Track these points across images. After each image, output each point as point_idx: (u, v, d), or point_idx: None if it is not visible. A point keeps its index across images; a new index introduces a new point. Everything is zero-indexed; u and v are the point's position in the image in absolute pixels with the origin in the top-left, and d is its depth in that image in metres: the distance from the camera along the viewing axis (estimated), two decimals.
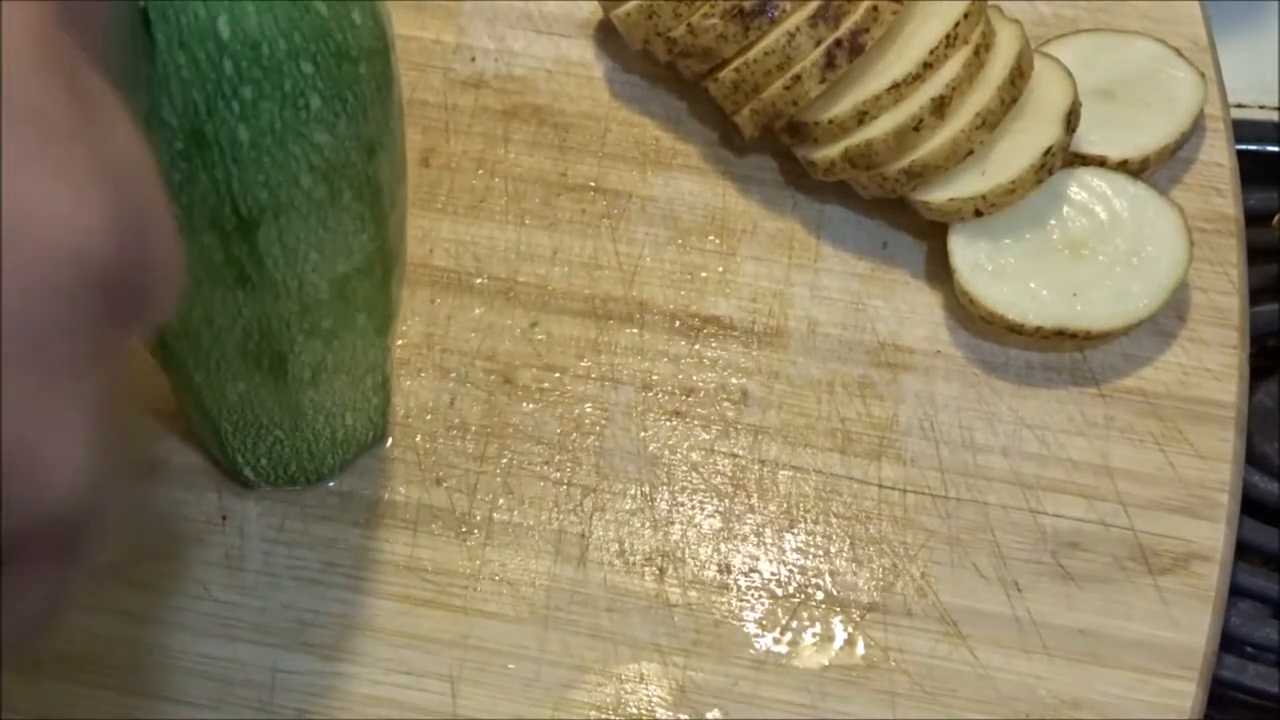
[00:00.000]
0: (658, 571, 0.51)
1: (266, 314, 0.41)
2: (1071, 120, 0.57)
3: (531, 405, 0.55)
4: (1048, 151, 0.56)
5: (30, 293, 0.22)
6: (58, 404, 0.23)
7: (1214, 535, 0.52)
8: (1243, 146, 0.66)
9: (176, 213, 0.34)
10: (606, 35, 0.64)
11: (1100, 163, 0.59)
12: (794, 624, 0.50)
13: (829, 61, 0.56)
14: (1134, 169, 0.59)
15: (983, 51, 0.57)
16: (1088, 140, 0.59)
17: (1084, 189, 0.58)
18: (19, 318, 0.22)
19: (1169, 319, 0.57)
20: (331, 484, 0.52)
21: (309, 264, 0.40)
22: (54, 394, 0.23)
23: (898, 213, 0.60)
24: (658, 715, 0.48)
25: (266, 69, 0.34)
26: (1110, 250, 0.57)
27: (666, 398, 0.55)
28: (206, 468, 0.52)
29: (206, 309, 0.40)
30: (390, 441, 0.53)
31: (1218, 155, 0.63)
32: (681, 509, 0.53)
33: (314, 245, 0.39)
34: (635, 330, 0.57)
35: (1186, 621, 0.50)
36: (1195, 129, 0.62)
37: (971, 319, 0.57)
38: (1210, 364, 0.56)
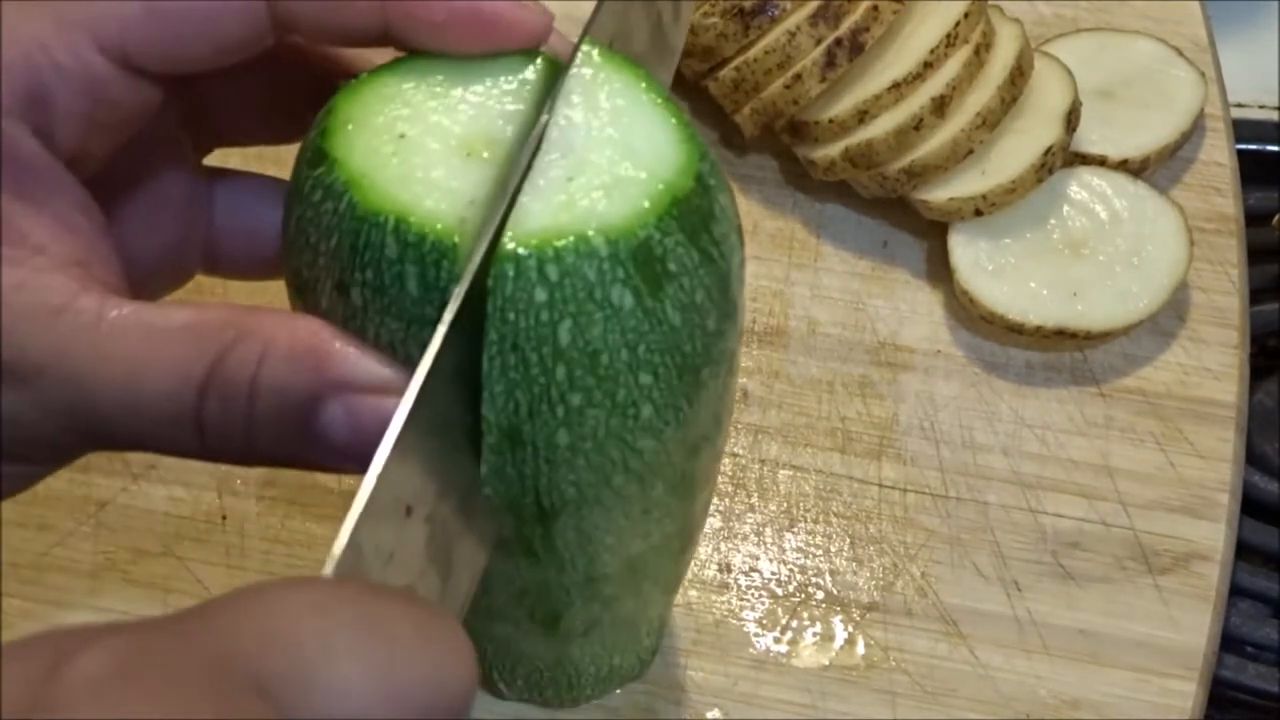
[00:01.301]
0: None
1: (547, 582, 0.37)
2: (1071, 120, 0.57)
3: None
4: (1048, 151, 0.56)
5: None
6: None
7: (1214, 535, 0.52)
8: (1243, 146, 0.66)
9: (476, 495, 0.31)
10: None
11: (1100, 162, 0.59)
12: (794, 623, 0.50)
13: (829, 60, 0.56)
14: (1134, 169, 0.59)
15: (983, 51, 0.57)
16: (1088, 140, 0.59)
17: (1084, 188, 0.58)
18: None
19: (1169, 319, 0.57)
20: (331, 484, 0.52)
21: (603, 546, 0.36)
22: None
23: (898, 212, 0.60)
24: (658, 715, 0.48)
25: (601, 378, 0.31)
26: (1110, 250, 0.57)
27: None
28: (206, 467, 0.52)
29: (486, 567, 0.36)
30: None
31: (1218, 155, 0.63)
32: None
33: (611, 531, 0.35)
34: None
35: (1186, 621, 0.50)
36: (1195, 129, 0.62)
37: (971, 319, 0.57)
38: (1210, 364, 0.56)
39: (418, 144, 0.30)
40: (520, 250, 0.29)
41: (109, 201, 0.33)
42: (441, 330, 0.29)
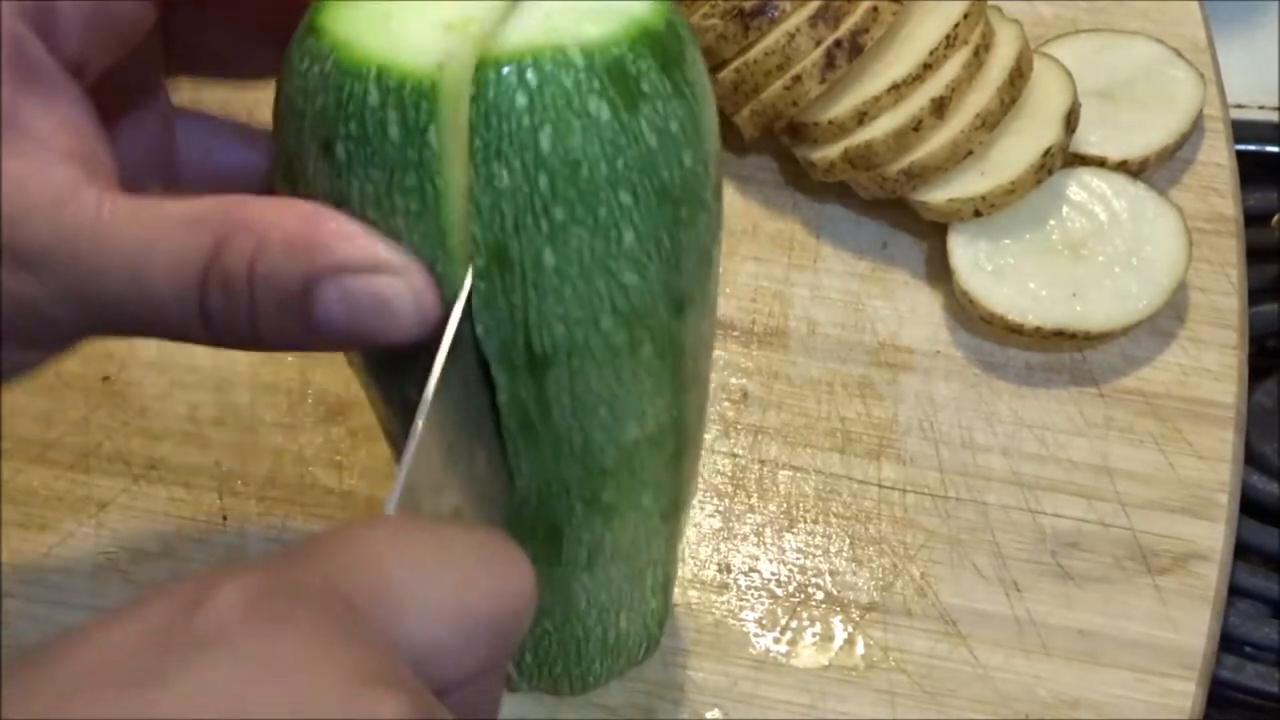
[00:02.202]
0: None
1: (547, 475, 0.38)
2: (1071, 120, 0.57)
3: None
4: (1047, 152, 0.56)
5: None
6: None
7: (1213, 535, 0.52)
8: (1242, 147, 0.66)
9: (470, 338, 0.33)
10: None
11: (1100, 163, 0.59)
12: (794, 624, 0.50)
13: (829, 62, 0.56)
14: (1133, 169, 0.59)
15: (982, 52, 0.57)
16: (1087, 140, 0.59)
17: (1083, 189, 0.58)
18: None
19: (1168, 319, 0.57)
20: (332, 484, 0.52)
21: (597, 421, 0.37)
22: None
23: (898, 213, 0.60)
24: (658, 715, 0.48)
25: (582, 191, 0.32)
26: (1110, 250, 0.57)
27: None
28: (206, 467, 0.52)
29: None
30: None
31: (1217, 155, 0.63)
32: None
33: (605, 400, 0.36)
34: None
35: (1186, 621, 0.50)
36: (1194, 129, 0.62)
37: (971, 319, 0.57)
38: (1209, 364, 0.57)
39: (402, 18, 0.32)
40: (501, 58, 0.31)
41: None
42: (457, 312, 0.31)
